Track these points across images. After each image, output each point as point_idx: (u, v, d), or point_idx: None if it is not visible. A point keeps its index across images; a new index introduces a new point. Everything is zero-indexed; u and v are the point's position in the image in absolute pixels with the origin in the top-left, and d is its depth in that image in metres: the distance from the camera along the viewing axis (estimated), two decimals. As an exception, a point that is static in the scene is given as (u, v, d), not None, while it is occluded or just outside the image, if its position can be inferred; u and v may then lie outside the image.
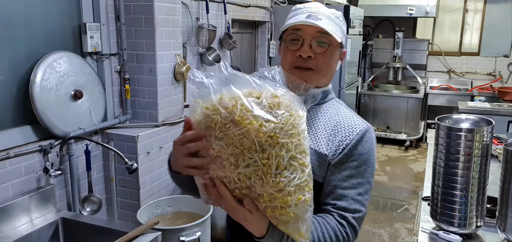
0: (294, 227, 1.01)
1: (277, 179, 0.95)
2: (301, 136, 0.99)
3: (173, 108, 2.97)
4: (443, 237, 1.80)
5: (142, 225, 2.04)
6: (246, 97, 0.95)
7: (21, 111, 2.28)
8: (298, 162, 0.98)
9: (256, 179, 0.95)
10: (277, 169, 0.96)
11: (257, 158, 0.94)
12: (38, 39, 2.34)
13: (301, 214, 1.00)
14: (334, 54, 1.25)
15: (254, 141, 0.93)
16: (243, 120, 0.93)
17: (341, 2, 5.72)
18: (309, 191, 1.01)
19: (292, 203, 0.98)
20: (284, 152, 0.95)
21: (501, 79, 6.74)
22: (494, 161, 2.66)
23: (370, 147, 1.22)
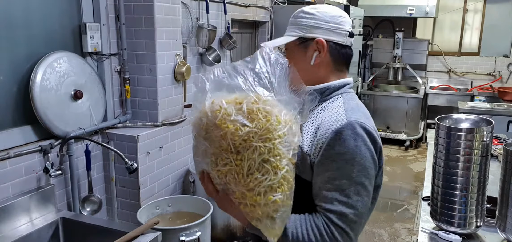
0: (264, 224, 1.10)
1: (248, 180, 1.06)
2: (277, 140, 1.06)
3: (173, 108, 2.97)
4: (443, 237, 1.80)
5: (142, 225, 2.05)
6: (229, 103, 1.05)
7: (21, 111, 2.28)
8: (271, 165, 1.06)
9: (230, 178, 1.07)
10: (249, 170, 1.05)
11: (232, 158, 1.06)
12: (38, 39, 2.34)
13: (271, 213, 1.08)
14: (294, 55, 1.29)
15: (230, 143, 1.04)
16: (222, 124, 1.04)
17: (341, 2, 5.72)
18: (282, 192, 1.07)
19: (261, 202, 1.07)
20: (257, 155, 1.04)
21: (501, 79, 6.74)
22: (494, 161, 2.66)
23: (354, 144, 1.13)
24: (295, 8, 1.56)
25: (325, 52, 1.27)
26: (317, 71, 1.29)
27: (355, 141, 1.14)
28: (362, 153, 1.15)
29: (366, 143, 1.16)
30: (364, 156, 1.15)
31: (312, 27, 1.27)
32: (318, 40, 1.26)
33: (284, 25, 1.42)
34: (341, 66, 1.33)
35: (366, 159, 1.15)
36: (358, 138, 1.14)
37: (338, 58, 1.31)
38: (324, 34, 1.27)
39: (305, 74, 1.26)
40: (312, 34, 1.27)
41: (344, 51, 1.31)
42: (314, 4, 4.81)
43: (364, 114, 1.23)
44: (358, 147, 1.14)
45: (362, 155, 1.15)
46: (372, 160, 1.17)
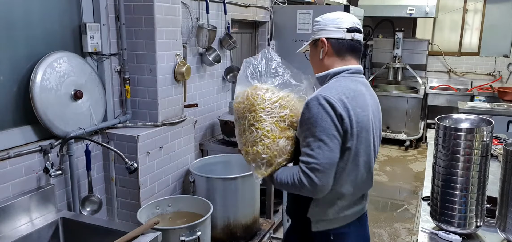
0: (253, 166, 1.69)
1: (242, 138, 1.71)
2: (259, 111, 1.65)
3: (173, 108, 2.97)
4: (443, 237, 1.80)
5: (142, 225, 2.05)
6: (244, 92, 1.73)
7: (21, 112, 2.28)
8: (255, 127, 1.65)
9: (237, 137, 1.75)
10: (243, 132, 1.70)
11: (236, 125, 1.75)
12: (38, 39, 2.34)
13: (256, 159, 1.67)
14: (311, 54, 1.79)
15: (235, 116, 1.75)
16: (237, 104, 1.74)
17: (341, 2, 5.72)
18: (262, 145, 1.64)
19: (249, 151, 1.68)
20: (246, 121, 1.68)
21: (501, 79, 6.74)
22: (494, 161, 2.66)
23: (316, 111, 1.53)
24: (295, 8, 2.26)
25: (326, 47, 1.69)
26: (324, 62, 1.71)
27: (317, 108, 1.53)
28: (323, 117, 1.53)
29: (326, 109, 1.53)
30: (324, 119, 1.53)
31: (318, 30, 1.72)
32: (321, 39, 1.70)
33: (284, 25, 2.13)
34: (345, 55, 1.69)
35: (326, 122, 1.53)
36: (320, 106, 1.53)
37: (339, 49, 1.69)
38: (325, 34, 1.70)
39: (318, 66, 1.74)
40: (318, 36, 1.72)
41: (344, 43, 1.68)
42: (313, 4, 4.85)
43: (336, 91, 1.58)
44: (320, 112, 1.53)
45: (322, 118, 1.53)
46: (332, 122, 1.53)
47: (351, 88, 1.61)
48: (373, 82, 7.18)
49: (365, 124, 1.61)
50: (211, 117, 3.74)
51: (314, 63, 1.76)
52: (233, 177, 2.85)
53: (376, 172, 5.61)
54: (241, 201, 2.87)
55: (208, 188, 2.83)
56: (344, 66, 1.67)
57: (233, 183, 2.84)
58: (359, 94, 1.62)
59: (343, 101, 1.55)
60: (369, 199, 1.89)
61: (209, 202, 2.60)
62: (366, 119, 1.62)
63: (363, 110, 1.61)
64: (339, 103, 1.54)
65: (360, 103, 1.60)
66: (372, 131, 1.67)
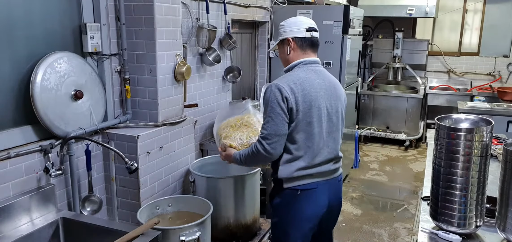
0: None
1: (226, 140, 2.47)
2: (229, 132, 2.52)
3: (173, 108, 2.97)
4: (442, 237, 1.80)
5: (142, 225, 2.05)
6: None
7: (21, 111, 2.28)
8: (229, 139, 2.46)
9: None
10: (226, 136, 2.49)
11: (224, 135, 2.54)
12: (38, 39, 2.34)
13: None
14: (280, 51, 2.23)
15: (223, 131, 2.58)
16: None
17: (340, 2, 5.73)
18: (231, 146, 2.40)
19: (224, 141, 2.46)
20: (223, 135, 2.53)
21: (500, 79, 6.74)
22: (494, 161, 2.67)
23: (268, 95, 2.03)
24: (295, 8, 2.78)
25: (292, 44, 2.15)
26: (291, 57, 2.17)
27: (269, 93, 2.03)
28: (272, 99, 2.01)
29: (275, 94, 2.01)
30: (272, 100, 2.01)
31: (284, 32, 2.17)
32: (288, 39, 2.16)
33: None
34: (306, 49, 2.16)
35: (274, 102, 2.00)
36: (271, 92, 2.02)
37: (302, 45, 2.15)
38: (291, 34, 2.16)
39: (285, 60, 2.20)
40: (284, 36, 2.17)
41: (305, 39, 2.15)
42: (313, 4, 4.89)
43: (286, 79, 2.06)
44: (270, 96, 2.02)
45: (272, 100, 2.01)
46: (278, 103, 1.99)
47: (300, 76, 2.07)
48: (373, 82, 7.19)
49: (314, 102, 2.04)
50: (211, 117, 3.75)
51: (282, 58, 2.22)
52: (233, 177, 2.85)
53: (376, 172, 5.62)
54: (241, 201, 2.87)
55: (208, 188, 2.84)
56: (300, 60, 2.14)
57: (233, 183, 2.84)
58: (306, 80, 2.06)
59: (291, 87, 2.02)
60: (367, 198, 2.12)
61: (209, 202, 2.60)
62: (314, 98, 2.05)
63: (310, 92, 2.04)
64: (287, 88, 2.01)
65: (307, 87, 2.04)
66: (326, 106, 2.10)
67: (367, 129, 6.78)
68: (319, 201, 2.13)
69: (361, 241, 3.80)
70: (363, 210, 4.43)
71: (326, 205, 2.16)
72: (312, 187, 2.10)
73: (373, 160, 6.11)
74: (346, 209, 4.39)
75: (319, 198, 2.13)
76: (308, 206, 2.12)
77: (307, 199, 2.11)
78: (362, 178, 5.36)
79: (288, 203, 2.13)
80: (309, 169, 2.08)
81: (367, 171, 5.63)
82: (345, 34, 4.40)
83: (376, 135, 6.73)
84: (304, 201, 2.11)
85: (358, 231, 3.97)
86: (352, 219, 4.21)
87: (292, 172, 2.08)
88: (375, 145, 6.83)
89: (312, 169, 2.09)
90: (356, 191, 4.93)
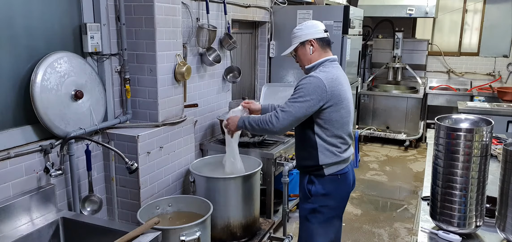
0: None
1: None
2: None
3: (173, 108, 2.97)
4: (442, 237, 1.80)
5: (142, 224, 2.05)
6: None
7: (21, 112, 2.29)
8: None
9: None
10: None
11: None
12: (38, 40, 2.34)
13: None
14: (297, 54, 2.44)
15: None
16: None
17: (340, 3, 5.73)
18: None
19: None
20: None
21: (500, 80, 6.74)
22: (494, 160, 2.67)
23: (303, 82, 2.26)
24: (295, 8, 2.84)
25: (315, 45, 2.38)
26: (314, 56, 2.40)
27: (310, 81, 2.26)
28: (312, 86, 2.24)
29: (318, 83, 2.24)
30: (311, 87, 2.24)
31: (304, 34, 2.39)
32: (310, 40, 2.38)
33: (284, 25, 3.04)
34: (326, 48, 2.41)
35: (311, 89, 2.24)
36: (314, 80, 2.26)
37: (322, 45, 2.40)
38: (311, 36, 2.39)
39: (307, 60, 2.40)
40: (306, 38, 2.39)
41: (324, 39, 2.41)
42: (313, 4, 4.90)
43: (325, 75, 2.28)
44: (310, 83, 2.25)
45: (311, 86, 2.24)
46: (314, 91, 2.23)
47: (334, 73, 2.33)
48: (373, 82, 7.18)
49: (344, 95, 2.32)
50: (211, 117, 3.75)
51: (304, 58, 2.41)
52: (233, 177, 2.85)
53: (376, 172, 5.62)
54: (241, 201, 2.87)
55: (208, 188, 2.84)
56: (326, 57, 2.39)
57: (233, 183, 2.84)
58: (338, 76, 2.34)
59: (330, 83, 2.26)
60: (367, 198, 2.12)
61: (209, 202, 2.60)
62: (343, 91, 2.32)
63: (343, 86, 2.33)
64: (327, 83, 2.25)
65: (342, 81, 2.34)
66: (350, 97, 2.39)
67: (367, 129, 6.78)
68: (349, 182, 2.46)
69: (361, 241, 3.80)
70: (363, 210, 4.43)
71: (352, 183, 2.50)
72: (346, 171, 2.41)
73: (373, 160, 6.11)
74: (346, 209, 4.38)
75: (349, 179, 2.44)
76: (345, 187, 2.44)
77: (344, 182, 2.42)
78: (362, 178, 5.36)
79: (329, 189, 2.38)
80: (344, 154, 2.38)
81: (367, 171, 5.63)
82: (345, 34, 4.40)
83: (376, 135, 6.73)
84: (343, 184, 2.41)
85: (358, 231, 3.97)
86: (352, 219, 4.21)
87: (331, 157, 2.33)
88: (375, 145, 6.83)
89: (345, 153, 2.39)
90: (356, 191, 4.93)
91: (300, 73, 4.55)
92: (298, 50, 2.42)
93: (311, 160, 2.36)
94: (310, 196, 2.41)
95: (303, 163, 2.43)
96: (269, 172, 3.37)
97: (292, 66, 4.64)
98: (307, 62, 2.39)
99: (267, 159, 3.35)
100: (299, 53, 2.42)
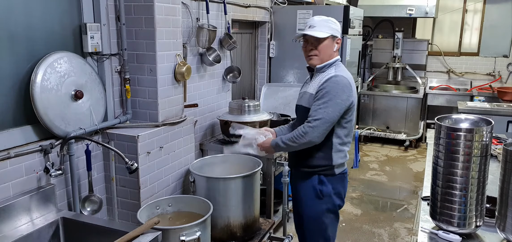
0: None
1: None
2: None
3: (173, 108, 2.97)
4: (442, 237, 1.80)
5: (142, 224, 2.05)
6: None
7: (21, 112, 2.29)
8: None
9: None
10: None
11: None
12: (38, 40, 2.34)
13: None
14: (323, 44, 2.34)
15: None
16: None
17: (340, 3, 5.73)
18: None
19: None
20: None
21: (500, 80, 6.74)
22: (494, 160, 2.67)
23: (332, 84, 2.26)
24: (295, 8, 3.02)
25: (339, 44, 2.41)
26: (334, 54, 2.41)
27: (335, 83, 2.26)
28: (340, 88, 2.26)
29: (345, 84, 2.28)
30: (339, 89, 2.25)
31: (336, 30, 2.38)
32: (338, 39, 2.40)
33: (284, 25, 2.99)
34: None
35: (340, 91, 2.25)
36: (342, 81, 2.28)
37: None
38: (339, 34, 2.41)
39: (328, 56, 2.37)
40: (337, 34, 2.39)
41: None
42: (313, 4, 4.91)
43: (347, 75, 2.35)
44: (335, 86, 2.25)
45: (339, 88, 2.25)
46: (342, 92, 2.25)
47: (347, 72, 2.38)
48: (373, 82, 7.18)
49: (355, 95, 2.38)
50: (211, 117, 3.75)
51: (327, 52, 2.36)
52: (233, 177, 2.85)
53: (376, 172, 5.62)
54: (241, 201, 2.87)
55: (208, 188, 2.84)
56: (338, 56, 2.44)
57: (233, 183, 2.84)
58: (351, 76, 2.39)
59: (351, 82, 2.33)
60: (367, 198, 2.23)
61: (209, 202, 2.60)
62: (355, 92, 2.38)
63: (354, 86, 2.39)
64: (351, 83, 2.33)
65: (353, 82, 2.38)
66: None
67: (367, 129, 6.78)
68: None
69: (361, 241, 3.80)
70: (363, 210, 4.43)
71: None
72: (347, 170, 2.50)
73: (373, 160, 6.11)
74: (346, 209, 4.39)
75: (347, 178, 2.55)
76: (346, 186, 2.53)
77: (346, 180, 2.51)
78: (362, 178, 5.36)
79: (339, 188, 2.44)
80: (347, 154, 2.45)
81: (367, 171, 5.63)
82: (345, 34, 4.40)
83: (376, 135, 6.73)
84: (346, 182, 2.51)
85: (358, 231, 3.97)
86: (352, 219, 4.22)
87: (343, 157, 2.40)
88: (375, 145, 6.83)
89: (347, 154, 2.47)
90: (356, 191, 4.94)
91: (300, 73, 4.56)
92: (326, 41, 2.34)
93: (325, 160, 2.36)
94: (322, 197, 2.41)
95: (314, 163, 2.39)
96: (269, 172, 3.37)
97: (292, 66, 4.64)
98: (328, 57, 2.36)
99: (267, 159, 3.35)
100: (325, 45, 2.34)
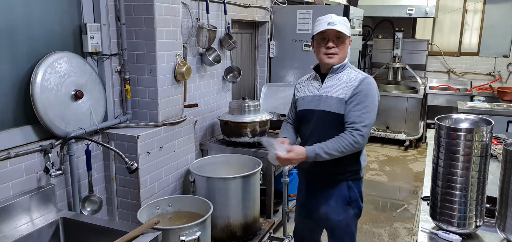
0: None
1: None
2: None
3: (173, 108, 2.97)
4: (442, 237, 1.80)
5: (142, 224, 2.05)
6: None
7: (21, 112, 2.29)
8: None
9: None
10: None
11: None
12: (38, 40, 2.34)
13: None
14: (345, 43, 2.30)
15: None
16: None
17: (341, 3, 5.73)
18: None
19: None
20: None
21: (500, 80, 6.74)
22: (494, 160, 2.67)
23: (367, 86, 2.22)
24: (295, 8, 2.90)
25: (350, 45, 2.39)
26: (346, 55, 2.35)
27: (369, 84, 2.23)
28: (372, 91, 2.23)
29: (376, 87, 2.27)
30: (374, 92, 2.23)
31: (349, 31, 2.32)
32: (350, 40, 2.36)
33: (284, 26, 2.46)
34: None
35: (375, 94, 2.24)
36: (371, 83, 2.24)
37: None
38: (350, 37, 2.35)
39: (342, 54, 2.31)
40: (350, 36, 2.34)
41: None
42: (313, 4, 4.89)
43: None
44: (370, 88, 2.22)
45: (372, 92, 2.23)
46: (377, 95, 2.25)
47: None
48: (373, 82, 7.18)
49: None
50: (211, 117, 3.75)
51: (345, 52, 2.33)
52: (233, 177, 2.85)
53: (376, 172, 5.62)
54: (241, 201, 2.87)
55: (208, 188, 2.84)
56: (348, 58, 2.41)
57: (233, 183, 2.84)
58: None
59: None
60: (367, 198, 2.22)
61: (209, 202, 2.60)
62: None
63: None
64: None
65: None
66: None
67: (367, 129, 6.78)
68: None
69: (361, 241, 3.80)
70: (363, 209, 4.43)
71: None
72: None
73: (373, 160, 6.11)
74: (346, 209, 4.38)
75: None
76: None
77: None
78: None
79: (361, 190, 2.43)
80: None
81: (367, 171, 5.63)
82: (345, 34, 4.40)
83: (376, 135, 6.73)
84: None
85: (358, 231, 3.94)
86: (352, 219, 4.21)
87: (365, 159, 2.41)
88: (375, 145, 6.83)
89: None
90: (356, 191, 4.93)
91: (300, 73, 4.56)
92: (347, 40, 2.30)
93: (354, 164, 2.33)
94: (351, 202, 2.37)
95: (344, 169, 2.32)
96: (269, 172, 3.37)
97: (292, 66, 4.64)
98: (345, 57, 2.34)
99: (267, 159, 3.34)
100: (341, 47, 2.28)
